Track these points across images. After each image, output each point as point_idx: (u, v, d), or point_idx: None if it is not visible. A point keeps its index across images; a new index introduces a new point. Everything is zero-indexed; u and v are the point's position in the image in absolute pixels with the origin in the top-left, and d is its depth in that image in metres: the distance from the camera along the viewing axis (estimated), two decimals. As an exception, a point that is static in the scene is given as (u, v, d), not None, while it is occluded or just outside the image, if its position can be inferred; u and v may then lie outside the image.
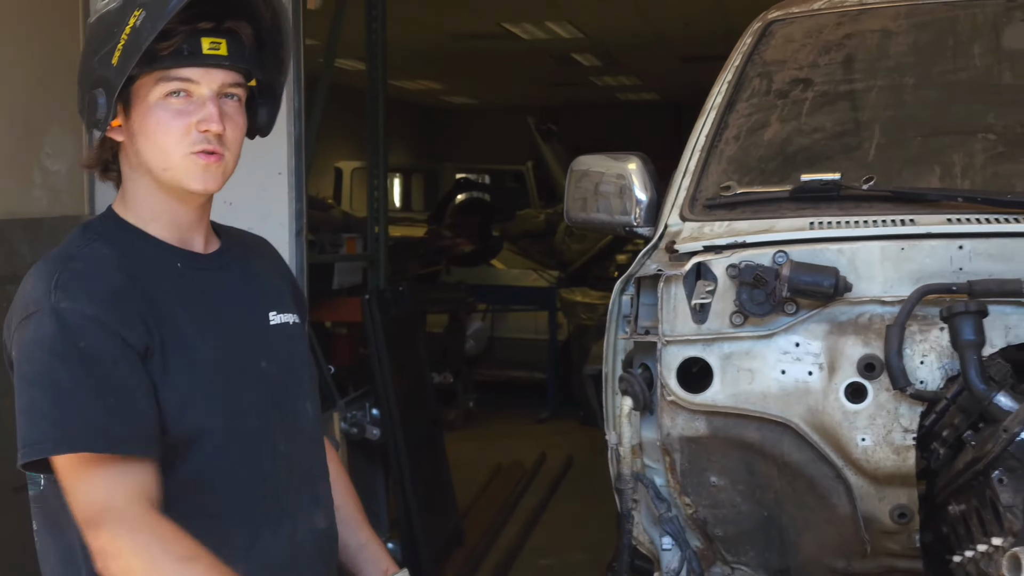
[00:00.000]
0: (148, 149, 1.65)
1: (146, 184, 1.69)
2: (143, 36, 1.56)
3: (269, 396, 1.74)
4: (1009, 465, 1.69)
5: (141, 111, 1.63)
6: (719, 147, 2.51)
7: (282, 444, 1.73)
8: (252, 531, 1.68)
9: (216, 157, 1.65)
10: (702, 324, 2.16)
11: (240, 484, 1.68)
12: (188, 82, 1.63)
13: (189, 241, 1.74)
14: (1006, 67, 2.52)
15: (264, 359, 1.74)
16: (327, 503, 1.84)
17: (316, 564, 1.78)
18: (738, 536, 2.31)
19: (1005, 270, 2.04)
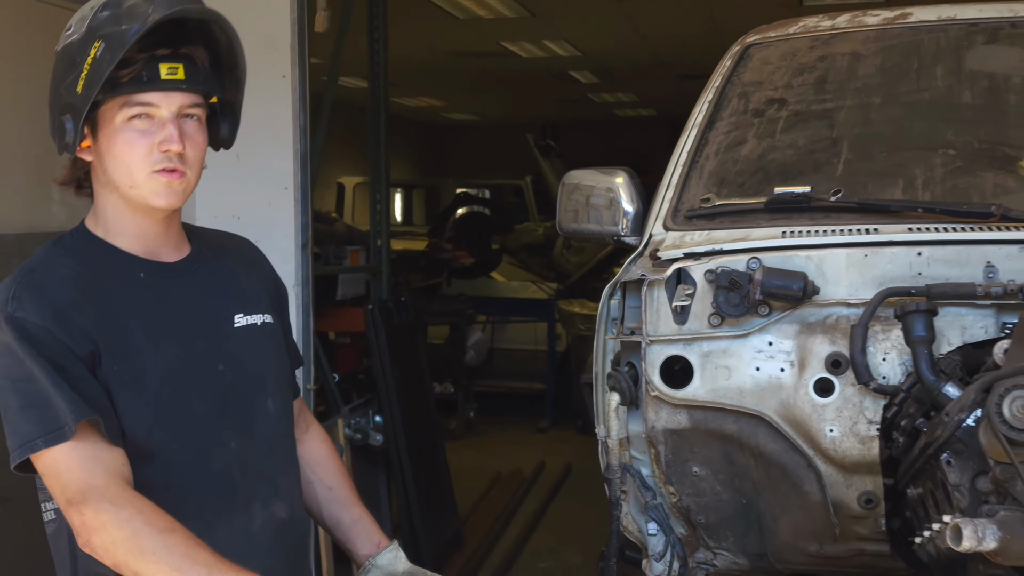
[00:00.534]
0: (115, 168, 1.76)
1: (114, 200, 1.80)
2: (103, 67, 1.68)
3: (222, 399, 1.84)
4: (956, 448, 1.85)
5: (107, 133, 1.75)
6: (700, 162, 2.68)
7: (234, 442, 1.84)
8: (205, 526, 1.74)
9: (177, 174, 1.77)
10: (683, 325, 2.32)
11: (191, 483, 1.79)
12: (149, 106, 1.74)
13: (156, 252, 1.85)
14: (966, 87, 2.67)
15: (221, 363, 1.85)
16: (291, 494, 1.94)
17: (277, 553, 1.89)
18: (719, 523, 2.46)
19: (960, 275, 2.19)
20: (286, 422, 1.98)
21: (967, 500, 1.82)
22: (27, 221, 3.62)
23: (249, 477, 1.86)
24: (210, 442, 1.82)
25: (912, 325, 2.03)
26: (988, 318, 2.16)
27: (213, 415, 1.83)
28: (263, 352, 1.94)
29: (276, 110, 4.46)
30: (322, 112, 4.99)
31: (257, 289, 1.99)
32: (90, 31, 1.71)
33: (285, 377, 2.01)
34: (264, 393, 1.92)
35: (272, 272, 2.08)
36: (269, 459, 1.91)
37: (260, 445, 1.89)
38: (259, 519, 1.87)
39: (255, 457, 1.88)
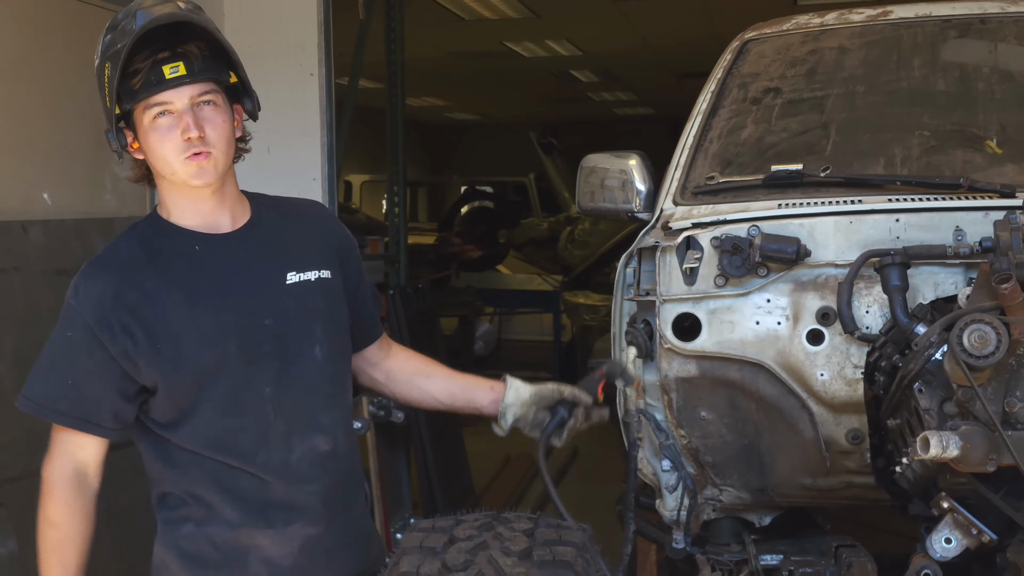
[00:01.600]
0: (156, 162, 2.08)
1: (167, 186, 2.12)
2: (115, 83, 1.99)
3: (265, 349, 2.11)
4: (926, 378, 2.16)
5: (142, 134, 2.05)
6: (704, 145, 2.98)
7: (269, 387, 2.11)
8: (245, 457, 2.11)
9: (204, 155, 2.03)
10: (692, 286, 2.62)
11: (228, 425, 2.10)
12: (165, 104, 2.01)
13: (215, 224, 2.13)
14: (940, 77, 2.97)
15: (269, 317, 2.12)
16: (334, 429, 2.19)
17: (319, 480, 2.16)
18: (724, 461, 2.74)
19: (934, 238, 2.49)
20: (335, 366, 2.22)
21: (936, 422, 2.13)
22: (84, 208, 3.89)
23: (285, 415, 2.13)
24: (244, 391, 2.11)
25: (888, 276, 2.35)
26: (957, 275, 2.46)
27: (249, 367, 2.11)
28: (314, 306, 2.20)
29: (304, 106, 4.77)
30: (345, 108, 5.29)
31: (315, 248, 2.24)
32: (102, 55, 2.03)
33: (338, 325, 2.25)
34: (312, 341, 2.18)
35: (338, 230, 2.34)
36: (310, 399, 2.17)
37: (300, 388, 2.15)
38: (297, 451, 2.15)
39: (293, 398, 2.15)
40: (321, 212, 2.36)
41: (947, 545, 2.22)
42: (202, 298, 2.09)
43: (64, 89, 3.72)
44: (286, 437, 2.15)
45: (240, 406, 2.12)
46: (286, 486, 2.14)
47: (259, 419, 2.13)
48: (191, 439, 2.13)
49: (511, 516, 2.12)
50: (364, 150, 12.23)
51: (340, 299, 2.27)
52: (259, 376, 2.12)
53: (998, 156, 2.76)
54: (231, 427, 2.12)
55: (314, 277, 2.20)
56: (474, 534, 1.99)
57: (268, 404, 2.13)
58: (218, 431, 2.12)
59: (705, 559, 2.75)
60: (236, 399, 2.11)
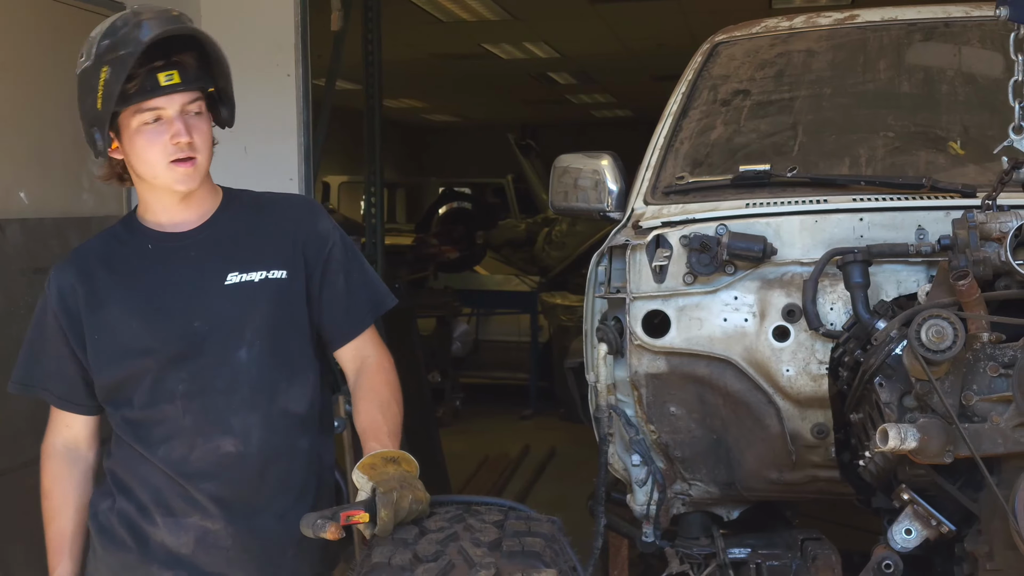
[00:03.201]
0: (139, 165, 2.18)
1: (146, 187, 2.24)
2: (112, 87, 2.06)
3: (187, 350, 2.18)
4: (886, 373, 2.21)
5: (128, 137, 2.14)
6: (675, 145, 3.03)
7: (182, 385, 2.19)
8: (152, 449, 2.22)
9: (191, 162, 2.14)
10: (661, 283, 2.66)
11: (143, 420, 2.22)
12: (157, 109, 2.11)
13: (180, 222, 2.24)
14: (904, 79, 3.03)
15: (199, 318, 2.19)
16: (246, 432, 2.19)
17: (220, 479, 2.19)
18: (693, 456, 2.79)
19: (896, 236, 2.54)
20: (264, 369, 2.20)
21: (896, 415, 2.19)
22: (61, 207, 3.91)
23: (192, 415, 2.20)
24: (159, 387, 2.21)
25: (850, 273, 2.41)
26: (920, 273, 2.52)
27: (169, 365, 2.20)
28: (250, 307, 2.20)
29: (281, 107, 4.80)
30: (323, 109, 5.32)
31: (272, 247, 2.23)
32: (97, 58, 2.09)
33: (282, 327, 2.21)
34: (238, 343, 2.20)
35: (311, 228, 2.27)
36: (223, 402, 2.19)
37: (216, 388, 2.20)
38: (199, 449, 2.20)
39: (205, 399, 2.20)
40: (298, 210, 2.33)
41: (907, 536, 2.28)
42: (140, 297, 2.21)
43: (41, 89, 3.74)
44: (192, 435, 2.22)
45: (154, 402, 2.23)
46: (184, 480, 2.22)
47: (169, 416, 2.23)
48: (118, 424, 2.29)
49: (482, 508, 2.16)
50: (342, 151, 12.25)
51: (293, 300, 2.24)
52: (175, 375, 2.21)
53: (960, 157, 2.82)
54: (146, 420, 2.24)
55: (259, 277, 2.22)
56: (445, 525, 2.04)
57: (179, 402, 2.22)
58: (135, 422, 2.25)
59: (674, 552, 2.80)
60: (153, 395, 2.22)
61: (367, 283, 2.37)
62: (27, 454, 3.36)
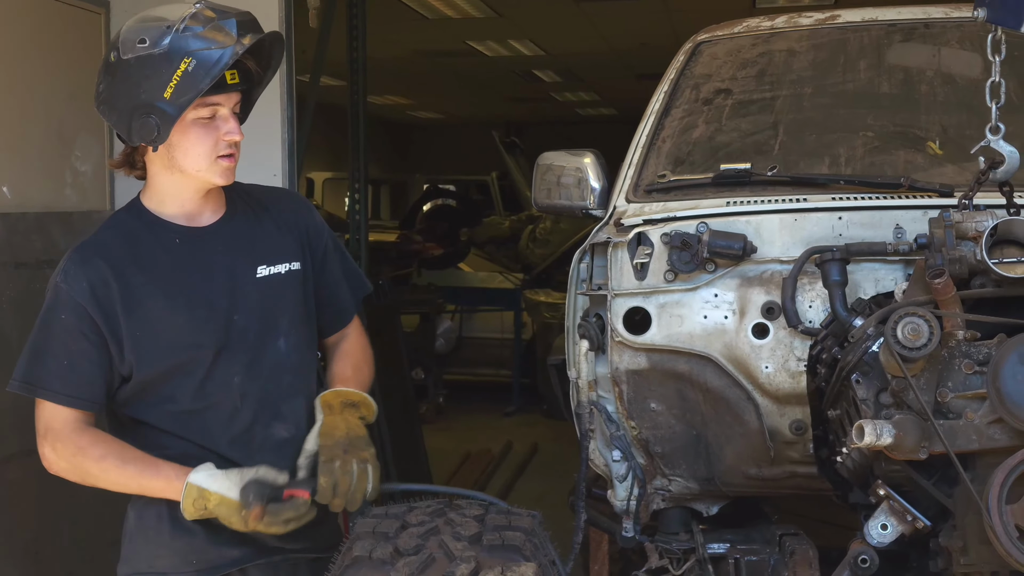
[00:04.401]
0: (184, 157, 2.20)
1: (176, 180, 2.24)
2: (198, 81, 2.08)
3: (234, 342, 2.25)
4: (863, 370, 2.23)
5: (179, 128, 2.15)
6: (657, 144, 3.04)
7: (237, 377, 2.27)
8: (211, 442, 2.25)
9: (233, 159, 2.23)
10: (642, 280, 2.68)
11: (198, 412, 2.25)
12: (217, 106, 2.17)
13: (196, 216, 2.27)
14: (884, 79, 3.04)
15: (238, 313, 2.27)
16: (295, 417, 2.32)
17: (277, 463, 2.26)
18: (673, 452, 2.80)
19: (874, 235, 2.56)
20: (298, 355, 2.35)
21: (872, 411, 2.20)
22: (44, 202, 3.90)
23: (249, 404, 2.28)
24: (214, 380, 2.26)
25: (828, 271, 2.43)
26: (897, 271, 2.54)
27: (219, 359, 2.25)
28: (281, 298, 2.33)
29: (265, 103, 4.75)
30: (307, 105, 5.32)
31: (286, 240, 2.36)
32: (176, 48, 2.10)
33: (305, 315, 2.37)
34: (276, 333, 2.32)
35: (307, 219, 2.43)
36: (273, 389, 2.31)
37: (265, 378, 2.30)
38: (259, 437, 2.30)
39: (258, 388, 2.29)
40: (294, 203, 2.47)
41: (883, 531, 2.30)
42: (179, 294, 2.24)
43: (25, 84, 3.73)
44: (250, 425, 2.28)
45: (209, 395, 2.25)
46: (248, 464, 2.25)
47: (226, 407, 2.26)
48: (163, 421, 2.26)
49: (463, 503, 2.18)
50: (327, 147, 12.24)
51: (308, 290, 2.39)
52: (228, 367, 2.26)
53: (939, 157, 2.84)
54: (200, 413, 2.26)
55: (284, 270, 2.34)
56: (426, 520, 2.05)
57: (236, 392, 2.26)
58: (188, 416, 2.26)
59: (654, 548, 2.82)
60: (206, 389, 2.25)
61: (351, 272, 2.55)
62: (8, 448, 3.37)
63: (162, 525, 2.26)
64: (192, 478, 2.16)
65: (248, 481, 2.16)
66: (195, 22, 2.11)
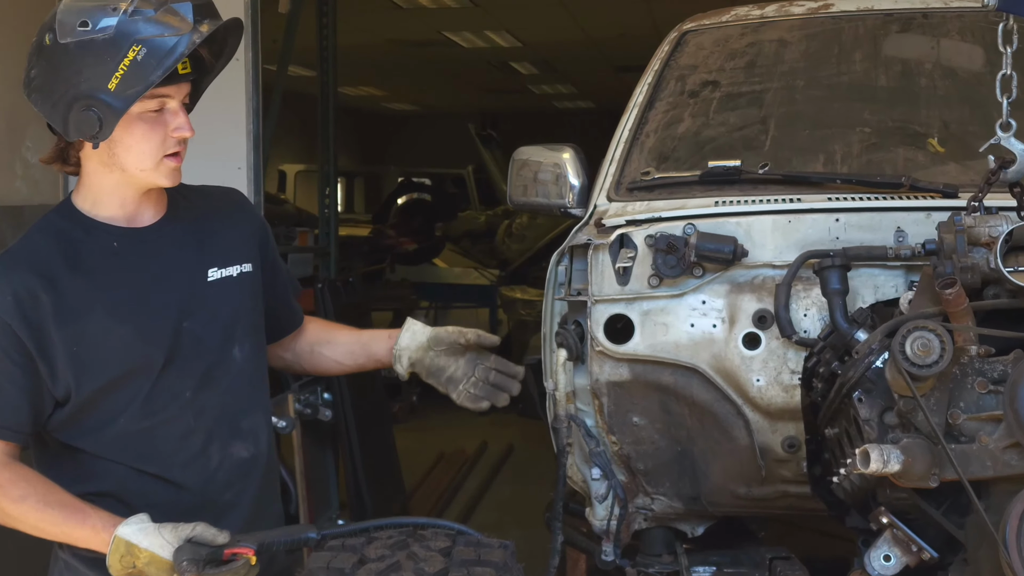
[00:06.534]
0: (127, 154, 1.96)
1: (115, 179, 2.00)
2: (149, 71, 1.84)
3: (182, 354, 2.04)
4: (866, 387, 2.06)
5: (122, 123, 1.90)
6: (640, 139, 2.88)
7: (189, 392, 2.05)
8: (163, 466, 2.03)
9: (180, 158, 2.00)
10: (625, 286, 2.51)
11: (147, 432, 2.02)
12: (165, 97, 1.93)
13: (136, 217, 2.04)
14: (881, 71, 2.90)
15: (188, 319, 2.05)
16: (253, 434, 2.14)
17: (237, 488, 2.10)
18: (657, 469, 2.65)
19: (873, 239, 2.40)
20: (254, 365, 2.16)
21: (876, 433, 2.04)
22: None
23: (206, 420, 2.07)
24: (163, 395, 2.03)
25: (828, 278, 2.26)
26: (898, 278, 2.38)
27: (169, 371, 2.03)
28: (235, 303, 2.13)
29: (230, 93, 4.58)
30: (274, 96, 5.13)
31: (236, 240, 2.17)
32: (123, 33, 1.85)
33: (258, 321, 2.19)
34: (231, 342, 2.12)
35: (255, 219, 2.27)
36: (230, 403, 2.11)
37: (222, 390, 2.09)
38: (216, 458, 2.08)
39: (214, 402, 2.08)
40: (239, 201, 2.29)
41: (886, 563, 2.12)
42: (121, 302, 2.02)
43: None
44: (205, 444, 2.08)
45: (157, 411, 2.04)
46: (201, 494, 2.07)
47: (178, 425, 2.06)
48: (101, 445, 2.03)
49: (428, 533, 1.99)
50: (300, 139, 12.02)
51: (259, 294, 2.21)
52: (179, 381, 2.05)
53: (940, 154, 2.69)
54: (146, 433, 2.04)
55: (236, 272, 2.14)
56: (386, 554, 1.86)
57: (188, 409, 2.06)
58: (131, 437, 2.03)
59: (635, 572, 2.66)
60: (153, 404, 2.03)
61: (288, 270, 2.42)
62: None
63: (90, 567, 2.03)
64: (121, 531, 1.91)
65: (184, 541, 1.91)
66: (146, 4, 1.88)
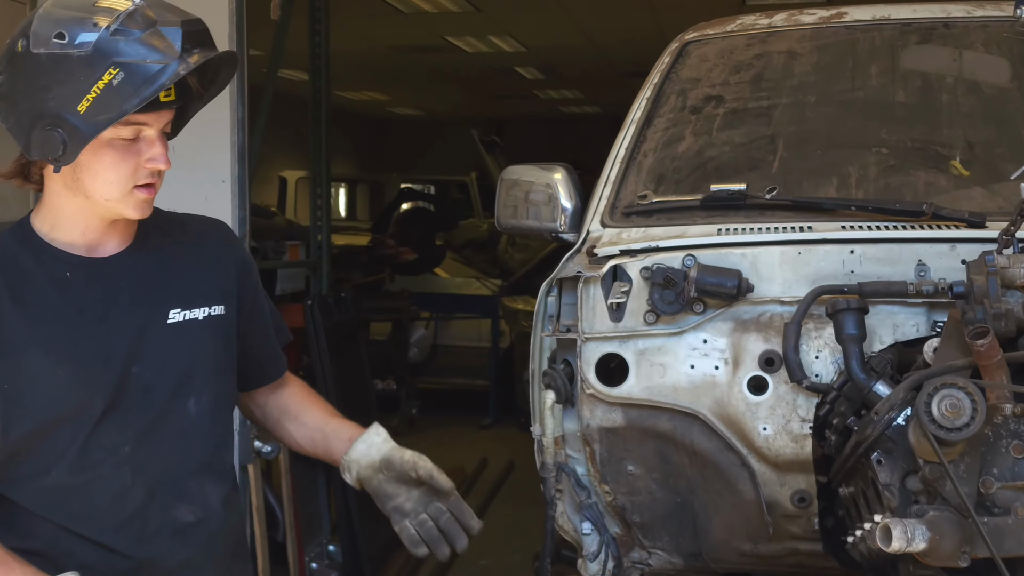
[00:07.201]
0: (93, 181, 1.74)
1: (78, 204, 1.78)
2: (124, 99, 1.64)
3: (128, 401, 1.83)
4: (886, 447, 1.85)
5: (91, 146, 1.69)
6: (637, 159, 2.67)
7: (128, 447, 1.84)
8: (93, 525, 1.81)
9: (153, 190, 1.79)
10: (618, 322, 2.31)
11: (78, 487, 1.80)
12: (142, 125, 1.73)
13: (97, 246, 1.84)
14: (899, 87, 2.69)
15: (139, 363, 1.84)
16: (204, 496, 1.92)
17: (178, 552, 1.88)
18: (654, 522, 2.45)
19: (892, 272, 2.20)
20: (211, 419, 1.94)
21: (897, 500, 1.82)
22: (-50, 213, 3.52)
23: (145, 479, 1.86)
24: (99, 448, 1.82)
25: (843, 323, 2.03)
26: (919, 316, 2.17)
27: (109, 420, 1.82)
28: (195, 350, 1.91)
29: (214, 103, 4.36)
30: (262, 105, 4.92)
31: (210, 279, 1.95)
32: (100, 52, 1.66)
33: (224, 371, 1.97)
34: (186, 392, 1.90)
35: (239, 255, 2.04)
36: (177, 462, 1.90)
37: (168, 448, 1.88)
38: (154, 522, 1.87)
39: (158, 460, 1.87)
40: (223, 234, 2.06)
41: (909, 642, 1.90)
42: (63, 338, 1.80)
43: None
44: (143, 505, 1.86)
45: (91, 466, 1.81)
46: (136, 559, 1.84)
47: (113, 482, 1.84)
48: (32, 499, 1.81)
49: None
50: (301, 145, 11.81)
51: (230, 339, 1.99)
52: (118, 433, 1.83)
53: (964, 178, 2.47)
54: (79, 489, 1.82)
55: (203, 315, 1.92)
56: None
57: (126, 466, 1.84)
58: (63, 492, 1.81)
59: (631, 632, 2.44)
60: (88, 457, 1.81)
61: (276, 313, 2.17)
62: None
63: None
64: None
65: None
66: (131, 23, 1.67)
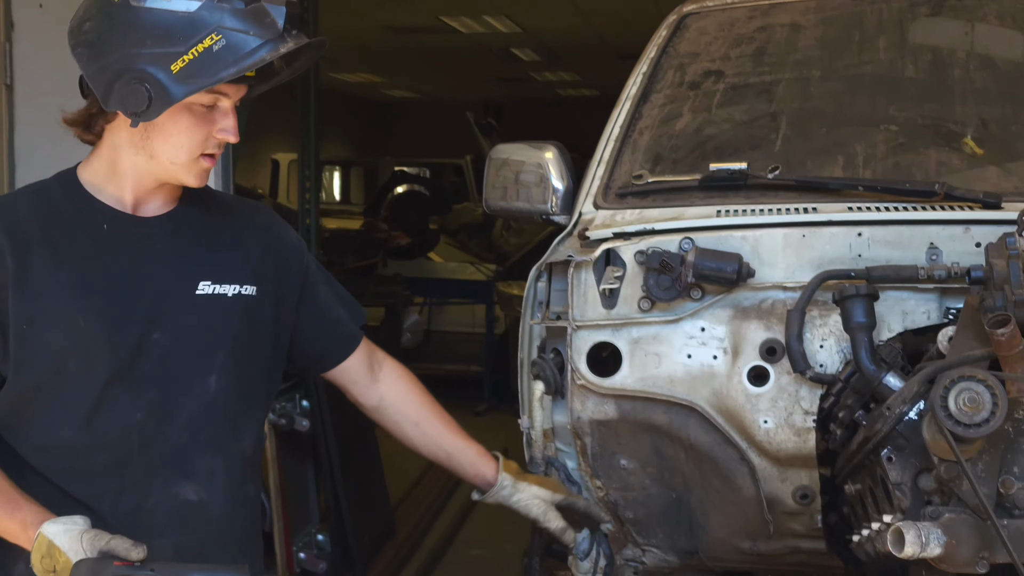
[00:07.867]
0: (163, 143, 1.76)
1: (137, 163, 1.79)
2: (221, 67, 1.66)
3: (145, 368, 1.82)
4: (897, 444, 1.73)
5: (171, 109, 1.69)
6: (633, 137, 2.56)
7: (140, 414, 1.81)
8: (91, 491, 1.80)
9: (215, 160, 1.82)
10: (611, 309, 2.21)
11: (80, 446, 1.79)
12: (222, 95, 1.76)
13: (140, 206, 1.85)
14: (909, 61, 2.59)
15: (159, 331, 1.82)
16: (211, 477, 1.89)
17: (175, 534, 1.84)
18: (648, 518, 2.36)
19: (902, 256, 2.10)
20: (232, 403, 1.92)
21: (909, 500, 1.71)
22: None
23: (151, 452, 1.84)
24: (109, 413, 1.80)
25: (851, 311, 1.92)
26: (931, 303, 2.07)
27: (119, 384, 1.80)
28: (221, 326, 1.89)
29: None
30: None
31: (245, 257, 1.94)
32: (205, 16, 1.68)
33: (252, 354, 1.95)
34: (207, 369, 1.88)
35: (286, 238, 2.04)
36: (188, 438, 1.87)
37: (179, 422, 1.86)
38: (155, 496, 1.85)
39: (167, 433, 1.84)
40: (267, 218, 2.07)
41: (919, 650, 1.79)
42: (90, 290, 1.81)
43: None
44: (145, 477, 1.84)
45: (100, 428, 1.80)
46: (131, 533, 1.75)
47: (118, 449, 1.82)
48: (31, 450, 1.81)
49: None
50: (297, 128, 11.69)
51: (260, 322, 1.96)
52: (130, 400, 1.81)
53: (978, 157, 2.38)
54: (84, 449, 1.81)
55: (232, 292, 1.91)
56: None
57: (134, 434, 1.82)
58: (67, 451, 1.81)
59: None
60: (97, 419, 1.80)
61: (344, 295, 2.17)
62: None
63: None
64: (46, 529, 1.69)
65: (97, 553, 1.67)
66: None
